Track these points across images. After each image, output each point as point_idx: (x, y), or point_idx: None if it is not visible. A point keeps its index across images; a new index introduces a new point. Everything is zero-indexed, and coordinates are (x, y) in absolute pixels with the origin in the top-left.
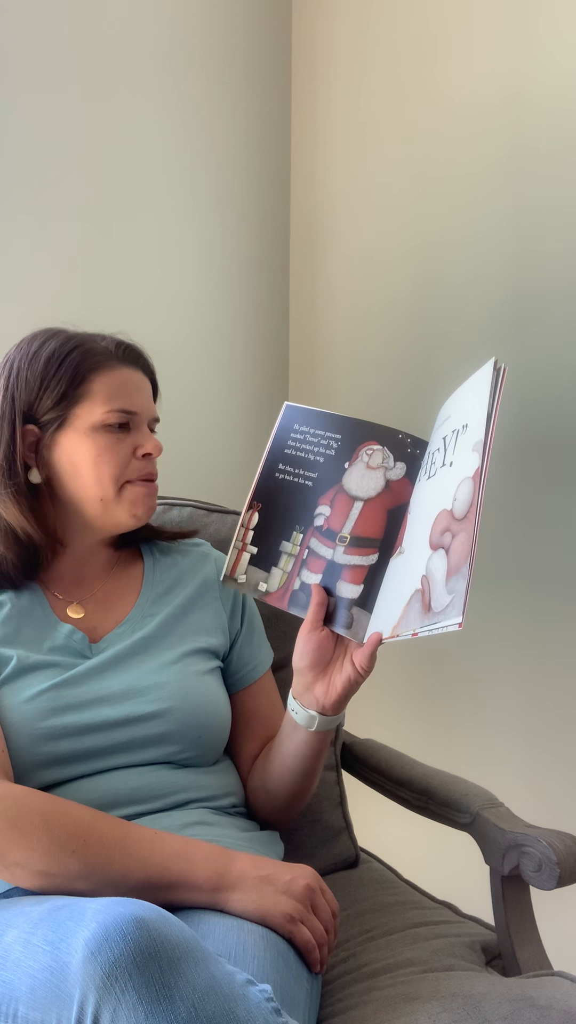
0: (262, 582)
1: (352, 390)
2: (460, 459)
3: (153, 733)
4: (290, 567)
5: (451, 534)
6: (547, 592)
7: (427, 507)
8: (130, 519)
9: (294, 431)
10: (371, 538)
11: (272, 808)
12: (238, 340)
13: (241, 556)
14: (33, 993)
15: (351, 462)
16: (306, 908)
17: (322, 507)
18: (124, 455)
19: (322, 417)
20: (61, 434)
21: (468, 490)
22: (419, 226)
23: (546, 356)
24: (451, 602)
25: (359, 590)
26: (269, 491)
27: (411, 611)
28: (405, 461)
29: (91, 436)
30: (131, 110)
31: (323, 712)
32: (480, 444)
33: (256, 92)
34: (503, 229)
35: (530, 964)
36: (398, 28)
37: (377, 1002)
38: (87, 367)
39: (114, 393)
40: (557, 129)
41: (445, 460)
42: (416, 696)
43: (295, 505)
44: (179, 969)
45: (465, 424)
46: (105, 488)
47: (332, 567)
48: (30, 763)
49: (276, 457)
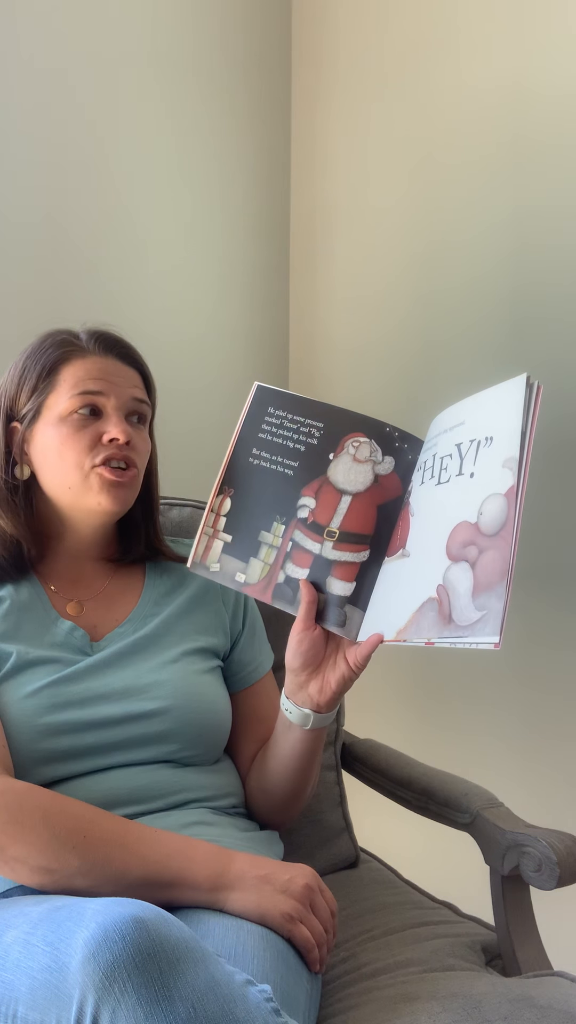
0: (240, 572)
1: (352, 390)
2: (485, 473)
3: (153, 731)
4: (272, 559)
5: (477, 548)
6: (547, 592)
7: (439, 514)
8: (96, 507)
9: (268, 414)
10: (362, 534)
11: (270, 809)
12: (239, 340)
13: (212, 543)
14: (32, 993)
15: (336, 453)
16: (305, 907)
17: (306, 498)
18: (87, 440)
19: (299, 402)
20: (35, 427)
21: (499, 507)
22: (419, 226)
23: (547, 356)
24: (482, 619)
25: (351, 587)
26: (242, 477)
27: (424, 619)
28: (393, 455)
29: (57, 425)
30: (131, 111)
31: (317, 710)
32: (513, 461)
33: (256, 92)
34: (503, 230)
35: (530, 964)
36: (398, 29)
37: (377, 1002)
38: (56, 358)
39: (79, 380)
40: (558, 129)
41: (462, 469)
42: (416, 696)
43: (274, 494)
44: (178, 969)
45: (489, 437)
46: (70, 475)
47: (320, 562)
48: (30, 759)
49: (249, 441)
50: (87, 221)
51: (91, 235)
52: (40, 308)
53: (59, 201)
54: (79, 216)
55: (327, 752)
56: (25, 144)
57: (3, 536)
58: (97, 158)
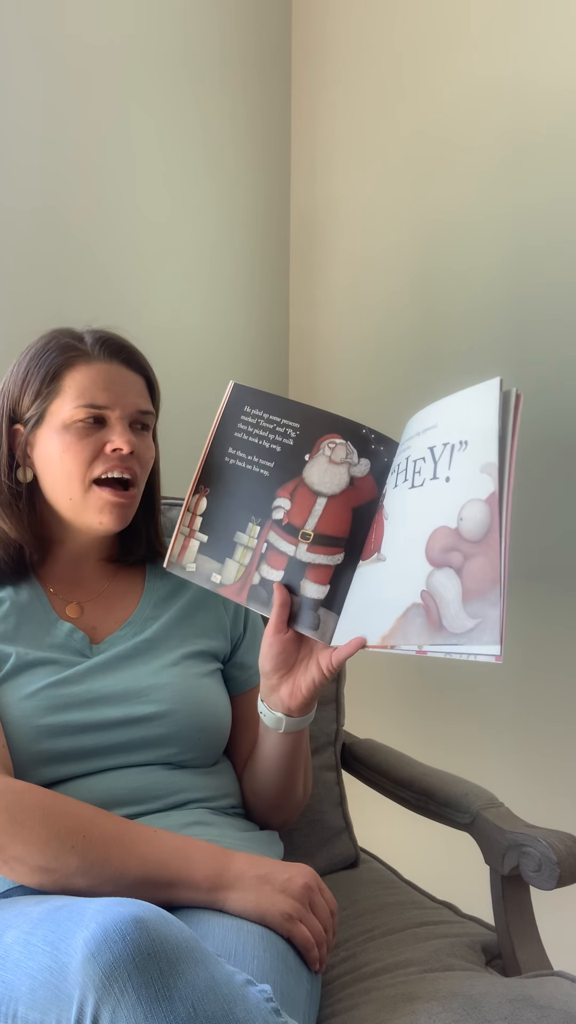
0: (215, 573)
1: (352, 391)
2: (462, 477)
3: (153, 735)
4: (247, 560)
5: (461, 555)
6: (547, 592)
7: (415, 518)
8: (97, 526)
9: (245, 413)
10: (336, 537)
11: (262, 810)
12: (238, 341)
13: (189, 543)
14: (33, 993)
15: (312, 455)
16: (304, 907)
17: (281, 499)
18: (90, 451)
19: (276, 402)
20: (38, 431)
21: (480, 513)
22: (419, 226)
23: (547, 356)
24: (478, 627)
25: (325, 590)
26: (218, 476)
27: (410, 624)
28: (369, 457)
29: (60, 433)
30: (130, 111)
31: (289, 714)
32: (493, 467)
33: (256, 92)
34: (504, 230)
35: (530, 964)
36: (398, 28)
37: (377, 1002)
38: (60, 363)
39: (84, 388)
40: (559, 127)
41: (436, 473)
42: (416, 696)
43: (249, 494)
44: (178, 969)
45: (464, 440)
46: (72, 486)
47: (294, 564)
48: (29, 760)
49: (225, 440)
50: (85, 221)
51: (88, 236)
52: (41, 308)
53: (56, 201)
54: (77, 215)
55: (327, 752)
56: (25, 144)
57: (4, 539)
58: (95, 158)
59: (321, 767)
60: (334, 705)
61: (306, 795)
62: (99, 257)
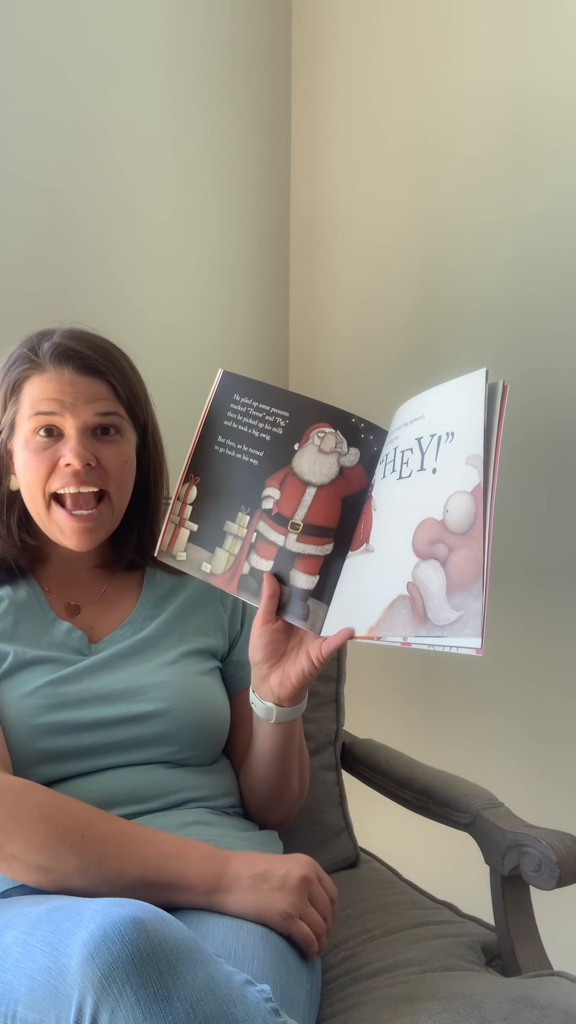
0: (205, 562)
1: (352, 390)
2: (448, 469)
3: (151, 733)
4: (237, 549)
5: (446, 547)
6: (547, 592)
7: (403, 510)
8: (65, 543)
9: (234, 402)
10: (326, 527)
11: (258, 807)
12: (239, 340)
13: (179, 532)
14: (32, 994)
15: (301, 444)
16: (303, 901)
17: (270, 489)
18: (45, 466)
19: (265, 390)
20: (12, 443)
21: (465, 505)
22: (420, 226)
23: (548, 356)
24: (460, 619)
25: (315, 581)
26: (208, 465)
27: (395, 616)
28: (359, 447)
29: (23, 448)
30: (130, 110)
31: (279, 704)
32: (478, 459)
33: (256, 91)
34: (505, 230)
35: (530, 964)
36: (398, 28)
37: (377, 1002)
38: (18, 375)
39: (35, 400)
40: (560, 128)
41: (424, 464)
42: (416, 696)
43: (239, 483)
44: (177, 970)
45: (450, 432)
46: (35, 502)
47: (284, 554)
48: (28, 758)
49: (214, 428)
50: (85, 220)
51: (89, 234)
52: (42, 309)
53: (57, 200)
54: (77, 214)
55: (327, 752)
56: (25, 144)
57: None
58: (96, 157)
59: (321, 767)
60: (334, 705)
61: (302, 793)
62: (100, 257)
